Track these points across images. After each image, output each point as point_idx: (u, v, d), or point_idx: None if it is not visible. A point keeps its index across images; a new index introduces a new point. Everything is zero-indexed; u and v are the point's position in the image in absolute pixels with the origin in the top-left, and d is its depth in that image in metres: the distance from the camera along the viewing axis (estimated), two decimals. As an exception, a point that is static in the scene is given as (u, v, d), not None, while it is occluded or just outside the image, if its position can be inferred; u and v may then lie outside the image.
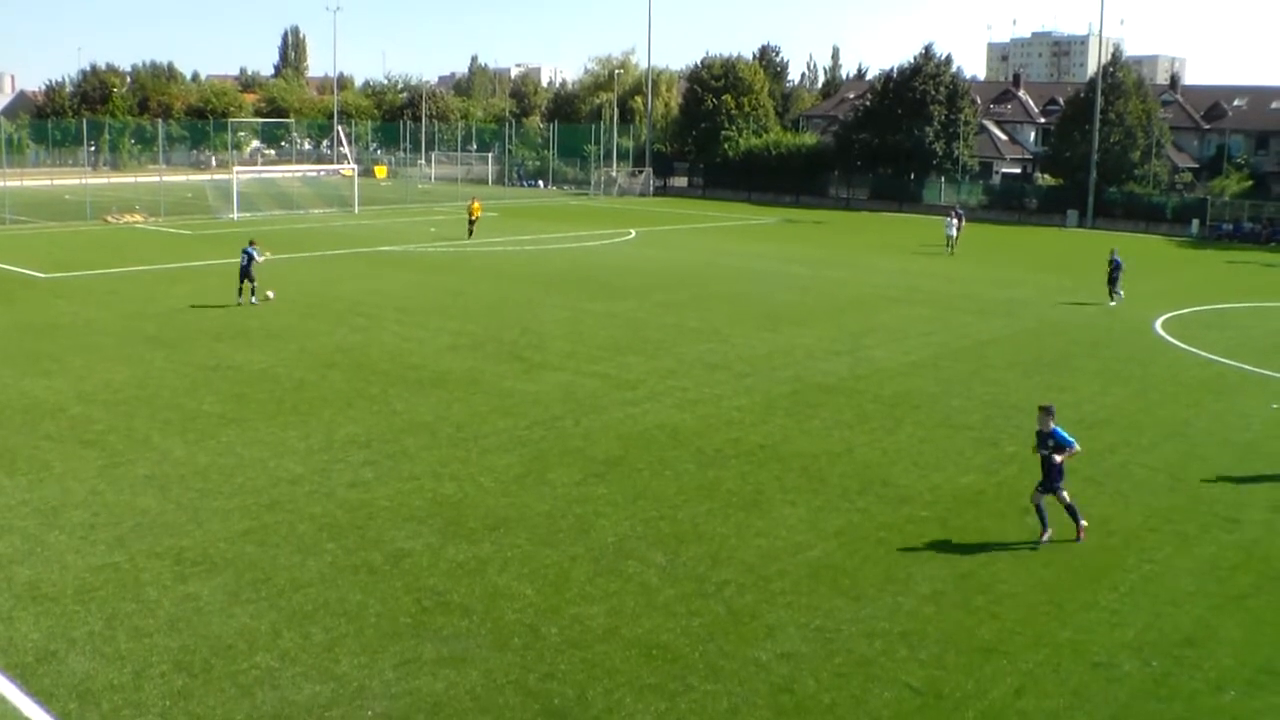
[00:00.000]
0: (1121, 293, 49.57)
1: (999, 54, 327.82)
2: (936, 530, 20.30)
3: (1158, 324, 45.00)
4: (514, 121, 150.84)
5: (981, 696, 14.46)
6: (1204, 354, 38.46)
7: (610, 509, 20.46)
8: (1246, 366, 35.76)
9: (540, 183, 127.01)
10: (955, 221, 70.28)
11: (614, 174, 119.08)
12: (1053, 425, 20.20)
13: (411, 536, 18.79)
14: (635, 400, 28.63)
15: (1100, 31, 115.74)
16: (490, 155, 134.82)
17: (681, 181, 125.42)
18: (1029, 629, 16.42)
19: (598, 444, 24.64)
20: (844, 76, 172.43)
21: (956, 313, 45.30)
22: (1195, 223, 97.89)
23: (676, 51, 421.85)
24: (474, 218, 68.51)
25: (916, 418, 28.28)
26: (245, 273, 41.00)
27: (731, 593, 17.03)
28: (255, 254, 41.27)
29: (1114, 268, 49.73)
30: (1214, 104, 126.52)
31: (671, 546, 18.76)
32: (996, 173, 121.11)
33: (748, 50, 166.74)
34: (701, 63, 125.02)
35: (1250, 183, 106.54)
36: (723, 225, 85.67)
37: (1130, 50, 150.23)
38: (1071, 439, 20.19)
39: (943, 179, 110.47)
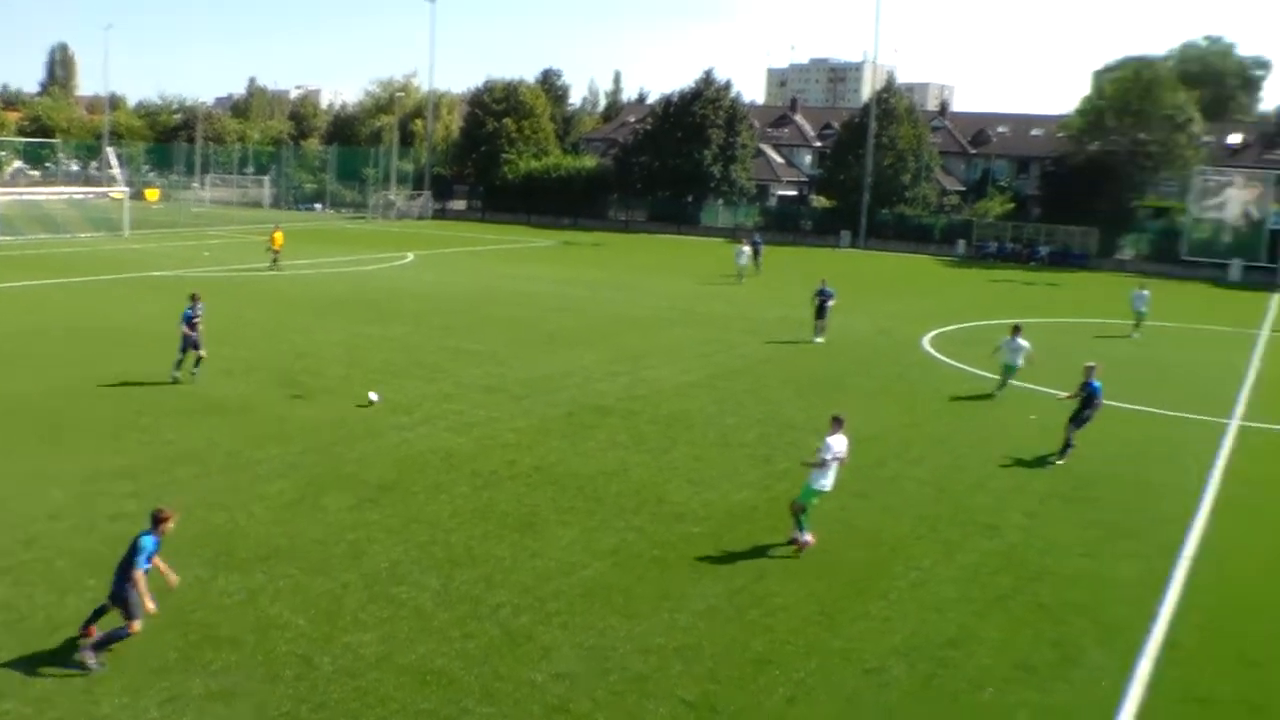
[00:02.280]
0: (824, 331, 45.65)
1: (778, 79, 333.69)
2: (710, 546, 20.58)
3: (925, 341, 46.39)
4: (292, 144, 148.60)
5: (756, 708, 14.73)
6: (969, 369, 39.78)
7: (384, 534, 20.25)
8: (1011, 381, 37.03)
9: (318, 206, 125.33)
10: (748, 250, 70.08)
11: (393, 197, 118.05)
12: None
13: (179, 569, 18.10)
14: (411, 424, 28.38)
15: (874, 59, 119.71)
16: (267, 178, 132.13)
17: (461, 204, 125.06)
18: (801, 639, 16.78)
19: (372, 469, 24.38)
20: (625, 100, 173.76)
21: (733, 333, 46.05)
22: (962, 243, 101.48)
23: (459, 74, 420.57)
24: (276, 249, 63.32)
25: (691, 436, 28.65)
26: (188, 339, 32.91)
27: (507, 614, 17.02)
28: None
29: (823, 298, 45.87)
30: (980, 130, 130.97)
31: (446, 570, 18.65)
32: (773, 195, 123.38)
33: (530, 74, 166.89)
34: (483, 86, 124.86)
35: (1013, 205, 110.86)
36: (502, 248, 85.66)
37: (902, 78, 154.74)
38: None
39: (720, 201, 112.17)
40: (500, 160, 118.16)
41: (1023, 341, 34.59)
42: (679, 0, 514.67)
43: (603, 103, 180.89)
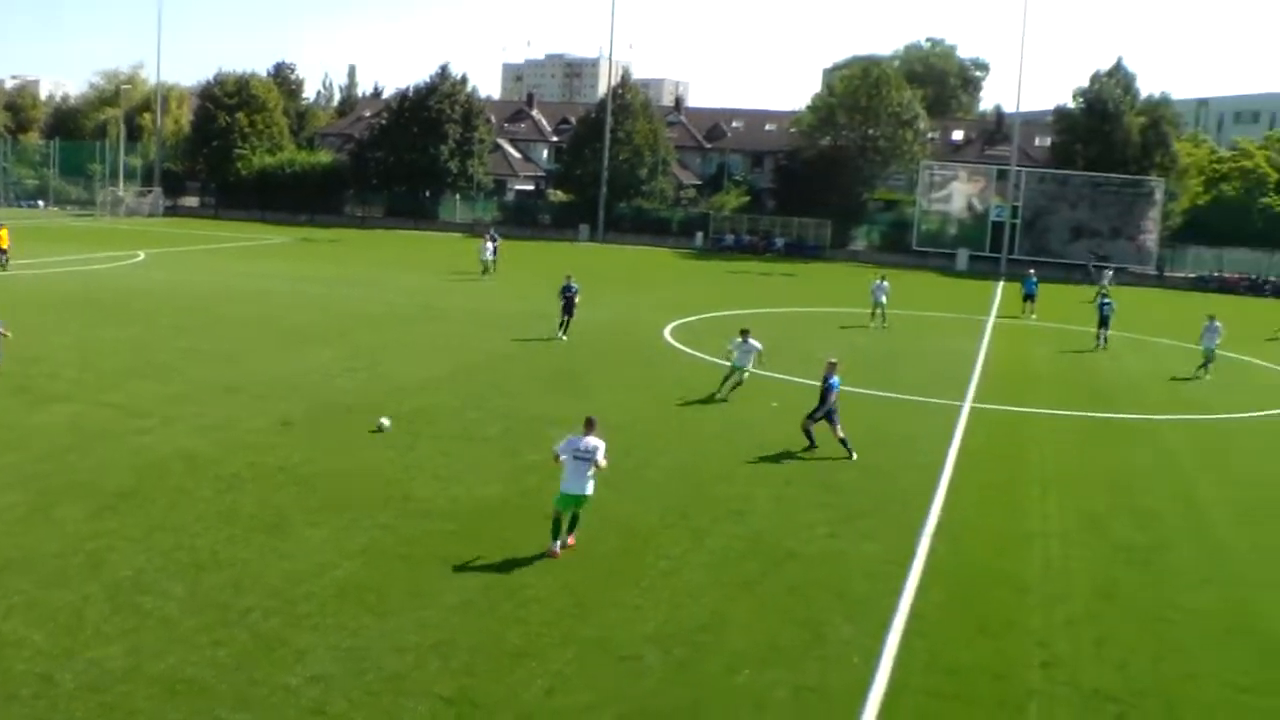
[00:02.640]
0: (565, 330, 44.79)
1: (514, 74, 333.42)
2: (461, 542, 20.46)
3: (667, 332, 47.00)
4: (10, 137, 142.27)
5: (514, 700, 14.71)
6: (710, 359, 40.39)
7: (125, 543, 19.51)
8: (750, 369, 37.76)
9: (40, 203, 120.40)
10: (490, 245, 69.02)
11: (121, 194, 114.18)
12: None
13: (-98, 586, 17.41)
14: (148, 428, 27.45)
15: (610, 55, 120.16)
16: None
17: (194, 201, 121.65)
18: (556, 630, 16.81)
19: (109, 476, 23.48)
20: (361, 95, 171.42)
21: (474, 327, 45.91)
22: (700, 235, 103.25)
23: (188, 67, 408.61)
24: (3, 247, 60.23)
25: (436, 432, 28.45)
26: None
27: (257, 619, 16.61)
28: None
29: (568, 294, 44.98)
30: (715, 125, 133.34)
31: (192, 576, 18.09)
32: (511, 190, 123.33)
33: (262, 67, 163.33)
34: (214, 79, 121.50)
35: (748, 198, 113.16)
36: (237, 245, 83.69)
37: (638, 73, 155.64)
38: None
39: (458, 196, 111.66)
40: (234, 156, 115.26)
41: (754, 342, 34.46)
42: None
43: (338, 97, 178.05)
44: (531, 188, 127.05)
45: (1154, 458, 30.50)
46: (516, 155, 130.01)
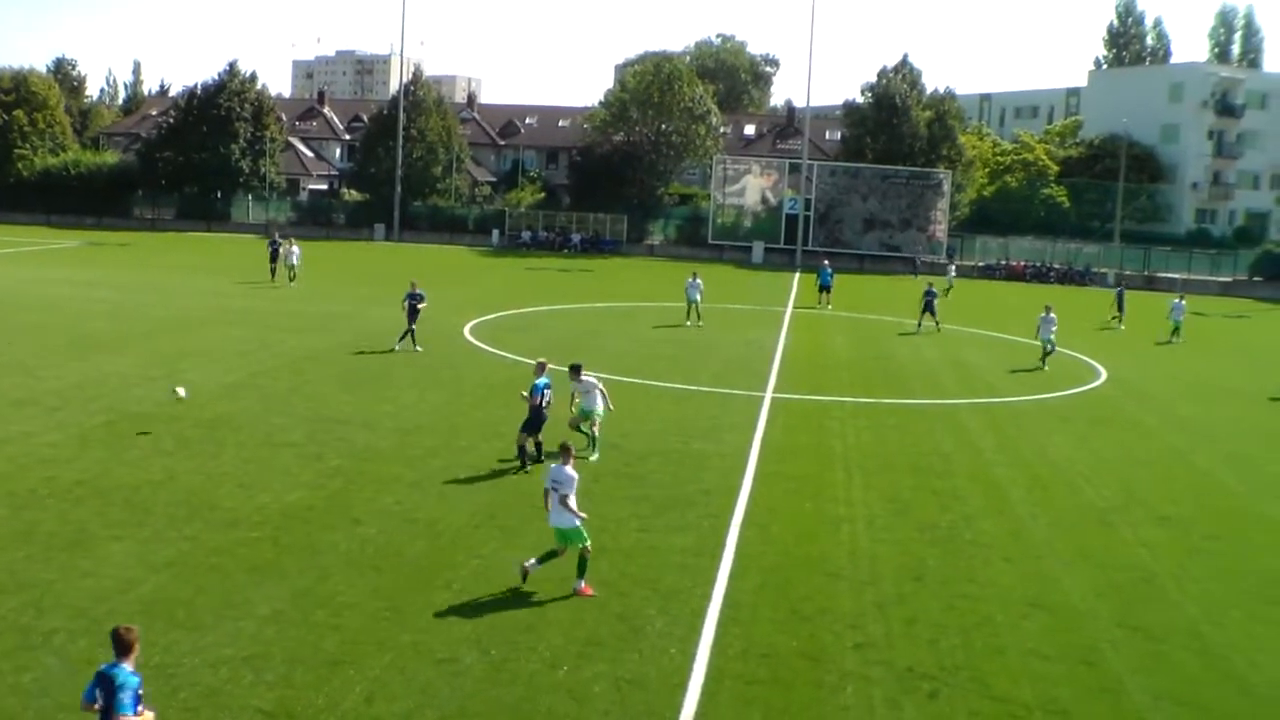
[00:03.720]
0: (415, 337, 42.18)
1: (304, 71, 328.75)
2: (269, 550, 20.20)
3: (466, 330, 46.89)
4: None
5: (333, 709, 14.58)
6: (511, 356, 40.48)
7: (-84, 565, 18.88)
8: (552, 365, 37.83)
9: None
10: (298, 250, 65.15)
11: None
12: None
13: None
14: (-64, 444, 26.54)
15: (401, 52, 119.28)
16: None
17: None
18: (372, 637, 16.71)
19: (-104, 494, 22.66)
20: (147, 92, 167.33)
21: (273, 331, 45.19)
22: (496, 233, 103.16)
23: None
24: None
25: (239, 439, 27.96)
26: None
27: (62, 640, 16.13)
28: None
29: (413, 301, 42.27)
30: (508, 122, 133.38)
31: (-11, 598, 17.56)
32: (304, 189, 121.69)
33: (41, 63, 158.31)
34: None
35: (543, 195, 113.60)
36: (20, 250, 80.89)
37: (430, 70, 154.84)
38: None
39: (250, 197, 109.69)
40: (13, 156, 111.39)
41: (590, 379, 28.77)
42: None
43: (123, 95, 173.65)
44: (325, 187, 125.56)
45: (953, 441, 31.46)
46: (309, 154, 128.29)
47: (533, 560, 18.95)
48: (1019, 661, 17.08)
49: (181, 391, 30.33)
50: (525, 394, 26.30)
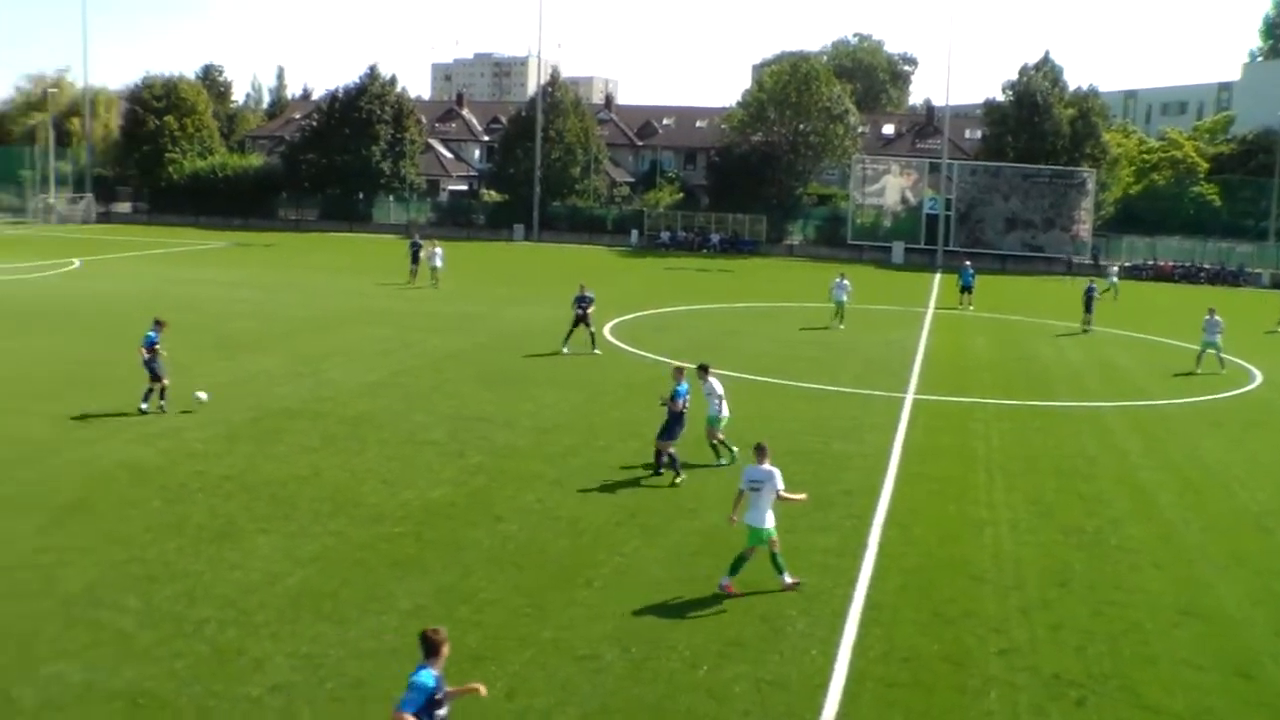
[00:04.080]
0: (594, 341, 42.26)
1: (443, 74, 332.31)
2: (412, 546, 20.45)
3: (606, 329, 46.99)
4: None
5: (476, 702, 14.56)
6: (651, 355, 40.48)
7: (76, 556, 19.35)
8: (688, 364, 37.79)
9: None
10: (440, 251, 65.02)
11: (53, 200, 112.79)
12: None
13: None
14: (92, 439, 27.19)
15: (539, 54, 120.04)
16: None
17: (126, 207, 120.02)
18: (513, 633, 16.84)
19: (56, 489, 23.21)
20: (290, 97, 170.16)
21: (413, 330, 45.73)
22: (635, 233, 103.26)
23: (116, 70, 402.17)
24: None
25: (381, 436, 28.35)
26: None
27: (213, 630, 16.52)
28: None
29: (582, 304, 42.16)
30: (646, 122, 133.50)
31: (145, 589, 17.96)
32: (444, 190, 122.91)
33: (190, 70, 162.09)
34: (142, 82, 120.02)
35: (681, 195, 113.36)
36: (171, 251, 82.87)
37: (567, 72, 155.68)
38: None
39: (391, 198, 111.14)
40: (164, 160, 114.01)
41: (714, 383, 27.45)
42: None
43: (267, 99, 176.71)
44: (464, 188, 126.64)
45: (1098, 444, 30.82)
46: (448, 156, 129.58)
47: (726, 578, 18.82)
48: (1170, 671, 16.65)
49: (203, 395, 30.48)
50: (664, 399, 26.06)
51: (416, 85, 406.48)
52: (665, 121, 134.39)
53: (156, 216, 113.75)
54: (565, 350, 41.29)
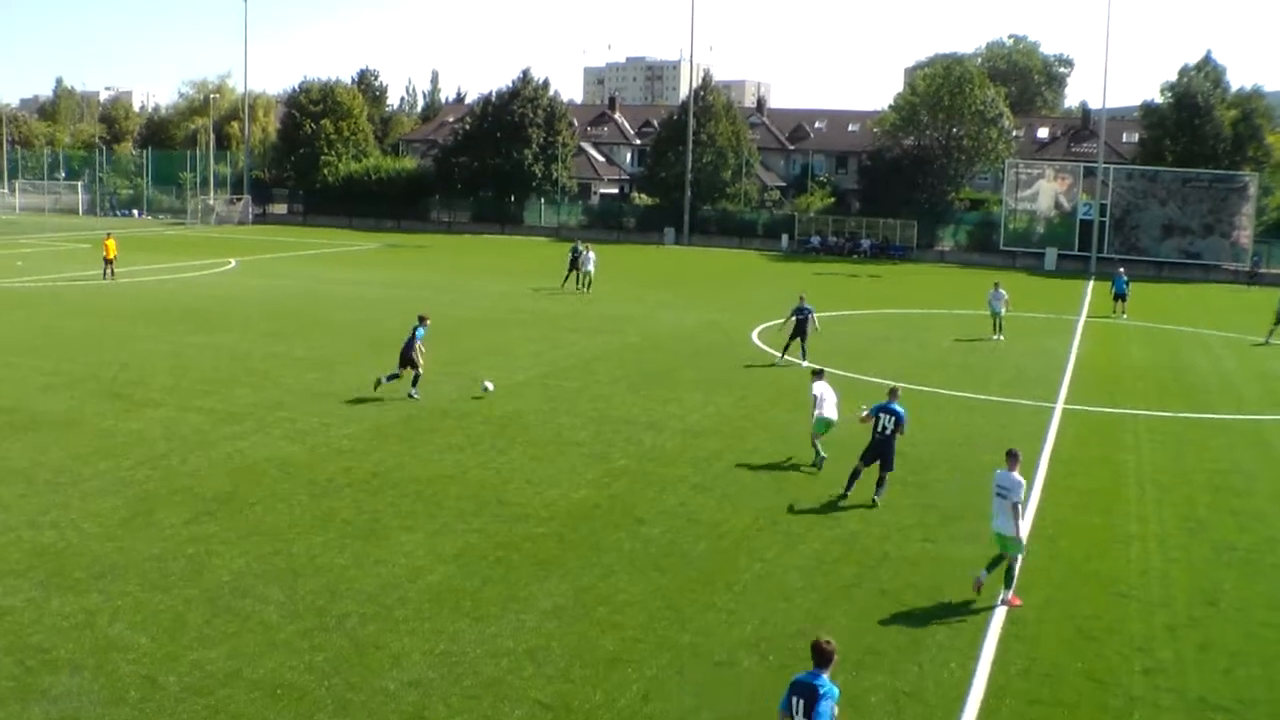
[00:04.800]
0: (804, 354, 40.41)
1: (595, 78, 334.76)
2: (554, 546, 20.53)
3: (755, 334, 46.85)
4: (105, 148, 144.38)
5: (610, 706, 14.71)
6: (798, 361, 40.17)
7: (223, 547, 19.78)
8: (837, 370, 37.56)
9: (135, 212, 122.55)
10: (593, 255, 64.64)
11: (212, 202, 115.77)
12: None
13: (9, 592, 17.58)
14: (243, 434, 27.79)
15: (691, 57, 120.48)
16: (80, 184, 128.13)
17: (282, 208, 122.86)
18: (651, 636, 16.80)
19: (206, 481, 23.80)
20: (444, 100, 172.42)
21: (562, 331, 46.02)
22: (785, 237, 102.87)
23: (274, 75, 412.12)
24: (110, 257, 60.87)
25: (527, 436, 28.53)
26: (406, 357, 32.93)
27: (354, 624, 16.75)
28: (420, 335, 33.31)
29: (800, 316, 41.05)
30: (797, 126, 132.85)
31: (289, 581, 18.28)
32: (595, 193, 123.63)
33: (346, 74, 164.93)
34: (299, 87, 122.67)
35: (833, 199, 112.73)
36: (325, 252, 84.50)
37: (719, 75, 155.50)
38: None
39: (543, 200, 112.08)
40: (320, 163, 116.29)
41: (818, 387, 27.22)
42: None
43: (421, 103, 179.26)
44: (616, 191, 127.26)
45: (1254, 458, 29.90)
46: (600, 159, 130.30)
47: (983, 572, 18.88)
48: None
49: (489, 385, 32.67)
50: (862, 413, 25.04)
51: (569, 89, 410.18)
52: (817, 125, 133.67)
53: (311, 218, 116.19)
54: (780, 360, 40.79)
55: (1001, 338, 48.75)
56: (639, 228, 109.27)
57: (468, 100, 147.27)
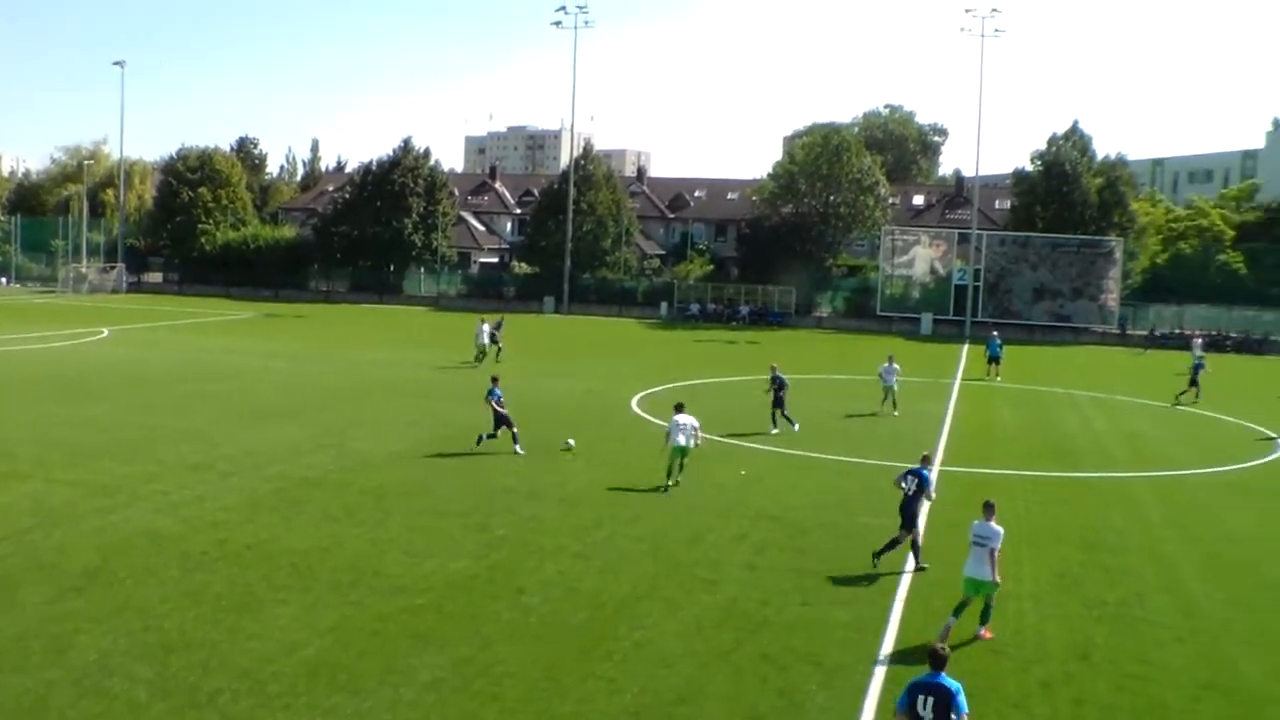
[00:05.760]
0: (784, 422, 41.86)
1: (476, 146, 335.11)
2: (432, 618, 20.28)
3: (634, 402, 46.91)
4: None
5: (488, 778, 14.54)
6: (792, 427, 40.35)
7: (90, 624, 19.24)
8: (716, 437, 37.72)
9: (3, 279, 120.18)
10: (487, 328, 63.01)
11: (84, 269, 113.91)
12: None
13: None
14: (113, 507, 27.18)
15: (572, 126, 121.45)
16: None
17: (157, 277, 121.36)
18: (530, 707, 16.61)
19: (73, 556, 23.18)
20: (324, 169, 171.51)
21: (440, 400, 45.79)
22: (664, 305, 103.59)
23: (151, 142, 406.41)
24: None
25: (405, 506, 28.23)
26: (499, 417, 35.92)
27: (226, 700, 16.36)
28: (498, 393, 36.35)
29: (777, 385, 42.05)
30: (677, 195, 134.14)
31: (160, 658, 17.82)
32: (475, 262, 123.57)
33: (225, 142, 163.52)
34: (177, 154, 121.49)
35: (711, 267, 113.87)
36: (202, 321, 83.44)
37: (600, 144, 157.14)
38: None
39: (422, 270, 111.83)
40: (197, 231, 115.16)
41: (679, 419, 31.57)
42: (375, 69, 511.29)
43: (301, 171, 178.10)
44: (495, 260, 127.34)
45: (1124, 515, 30.46)
46: (480, 228, 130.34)
47: (951, 618, 19.75)
48: (1195, 747, 16.35)
49: (571, 442, 35.89)
50: (904, 488, 24.94)
51: (450, 158, 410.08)
52: (696, 193, 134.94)
53: (188, 287, 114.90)
54: (774, 430, 40.96)
55: (896, 413, 46.33)
56: (519, 296, 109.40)
57: (348, 169, 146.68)
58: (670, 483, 30.85)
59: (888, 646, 19.61)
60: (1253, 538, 28.81)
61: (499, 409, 35.72)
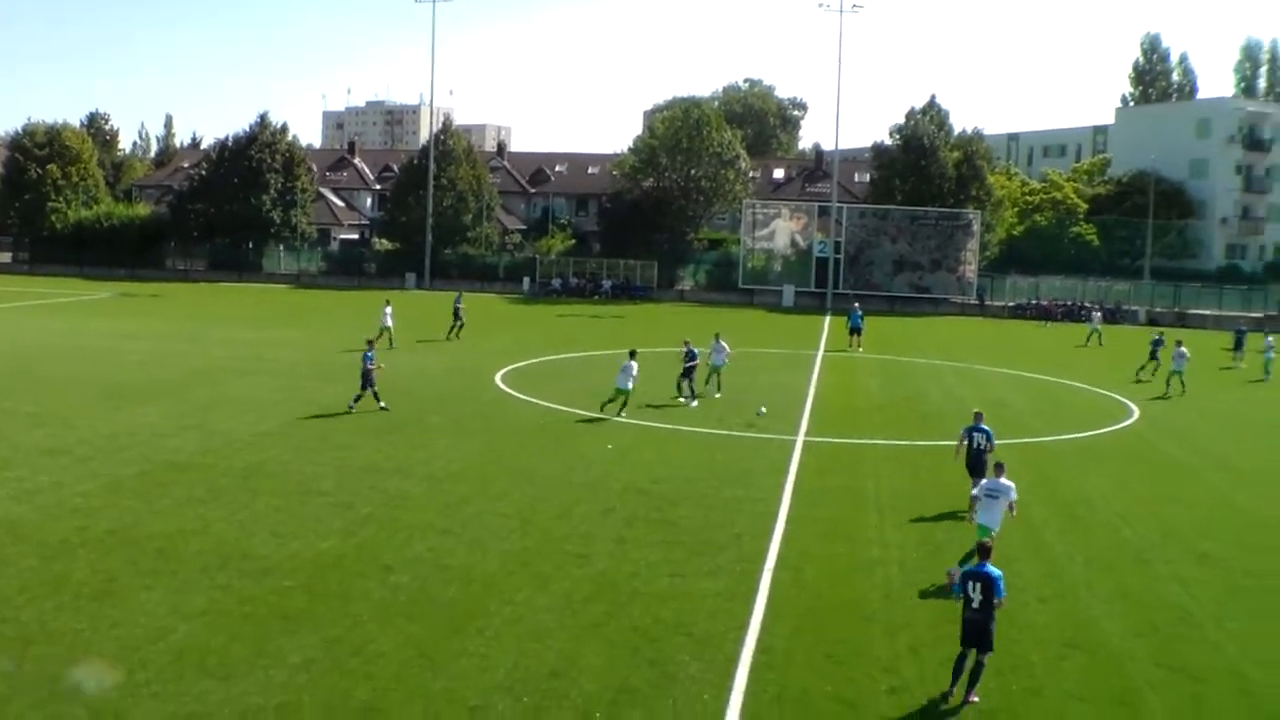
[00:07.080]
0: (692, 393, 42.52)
1: (334, 122, 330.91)
2: (302, 599, 20.09)
3: (498, 378, 46.81)
4: None
5: (361, 758, 14.47)
6: (543, 403, 40.37)
7: (-56, 618, 18.78)
8: (580, 411, 37.82)
9: None
10: (390, 310, 59.91)
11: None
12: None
13: None
14: (-33, 496, 26.53)
15: (431, 101, 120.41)
16: None
17: (6, 257, 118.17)
18: (403, 685, 16.56)
19: (-73, 547, 22.61)
20: (179, 145, 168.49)
21: (303, 380, 45.26)
22: (527, 280, 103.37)
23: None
24: None
25: (271, 487, 27.89)
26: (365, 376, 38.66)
27: (91, 691, 16.08)
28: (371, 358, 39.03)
29: (689, 359, 42.65)
30: (538, 169, 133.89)
31: (19, 651, 17.37)
32: (335, 239, 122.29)
33: (75, 117, 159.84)
34: (23, 129, 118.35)
35: (573, 241, 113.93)
36: (54, 302, 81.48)
37: (460, 119, 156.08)
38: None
39: (281, 247, 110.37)
40: (47, 209, 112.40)
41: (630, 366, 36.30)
42: (231, 43, 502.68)
43: (155, 148, 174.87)
44: (356, 236, 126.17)
45: (985, 482, 31.07)
46: (340, 204, 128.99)
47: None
48: (1056, 704, 16.83)
49: (764, 409, 38.90)
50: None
51: (308, 133, 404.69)
52: (558, 168, 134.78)
53: (38, 267, 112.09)
54: (692, 404, 41.60)
55: (719, 395, 43.84)
56: (380, 273, 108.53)
57: (204, 145, 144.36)
58: (616, 418, 36.61)
59: (758, 615, 19.82)
60: (1109, 500, 29.63)
61: (369, 368, 38.21)
